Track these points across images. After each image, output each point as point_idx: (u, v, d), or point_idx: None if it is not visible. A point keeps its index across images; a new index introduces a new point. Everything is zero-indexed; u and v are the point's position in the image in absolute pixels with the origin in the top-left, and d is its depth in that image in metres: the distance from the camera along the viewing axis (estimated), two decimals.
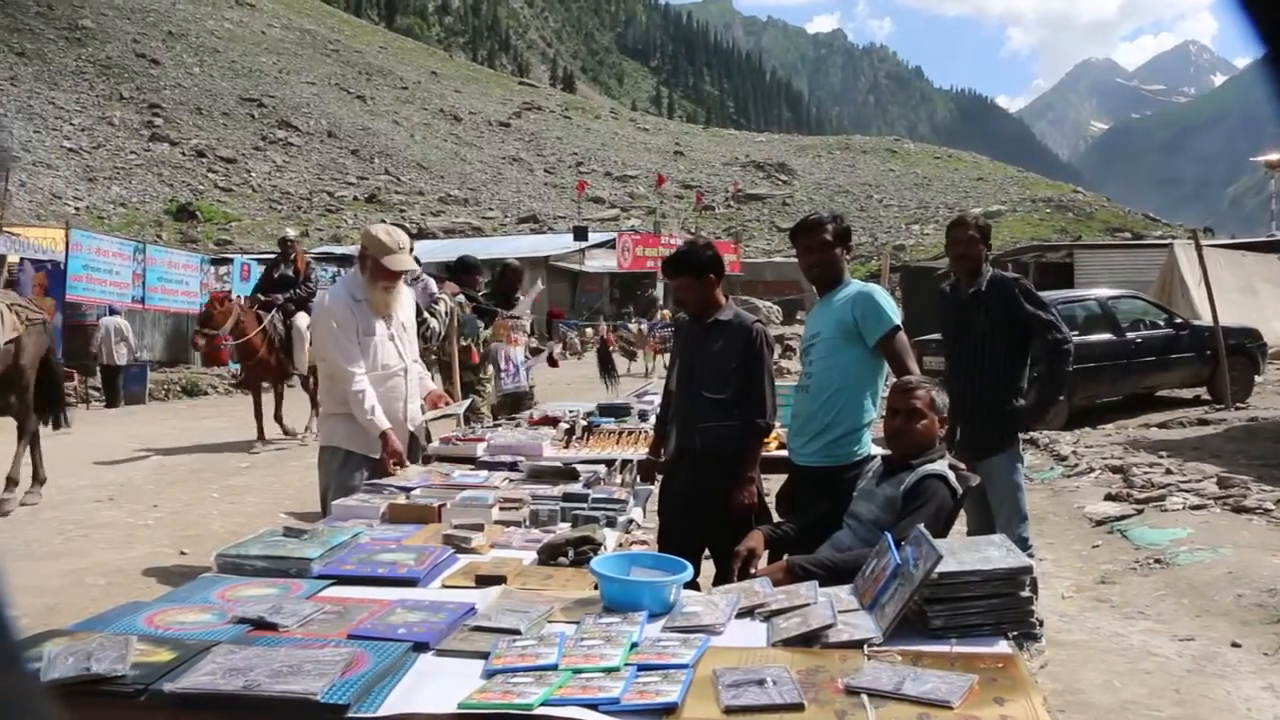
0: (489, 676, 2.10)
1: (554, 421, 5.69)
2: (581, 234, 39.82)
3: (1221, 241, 24.98)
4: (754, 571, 3.20)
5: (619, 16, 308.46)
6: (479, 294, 7.83)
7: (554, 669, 2.10)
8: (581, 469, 4.25)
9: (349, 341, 4.55)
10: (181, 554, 6.61)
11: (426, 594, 2.72)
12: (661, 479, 4.39)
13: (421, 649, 2.25)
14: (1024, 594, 2.34)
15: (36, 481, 8.22)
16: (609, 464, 4.33)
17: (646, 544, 5.16)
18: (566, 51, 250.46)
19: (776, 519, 3.97)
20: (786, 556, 3.20)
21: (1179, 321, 12.94)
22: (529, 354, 8.29)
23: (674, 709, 1.92)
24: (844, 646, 2.24)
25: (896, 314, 3.99)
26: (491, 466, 4.53)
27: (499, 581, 2.79)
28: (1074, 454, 9.84)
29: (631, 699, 1.95)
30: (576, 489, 3.90)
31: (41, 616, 4.88)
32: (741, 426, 4.02)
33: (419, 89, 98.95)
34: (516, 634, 2.29)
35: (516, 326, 7.79)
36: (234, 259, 21.73)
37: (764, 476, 4.30)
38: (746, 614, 2.51)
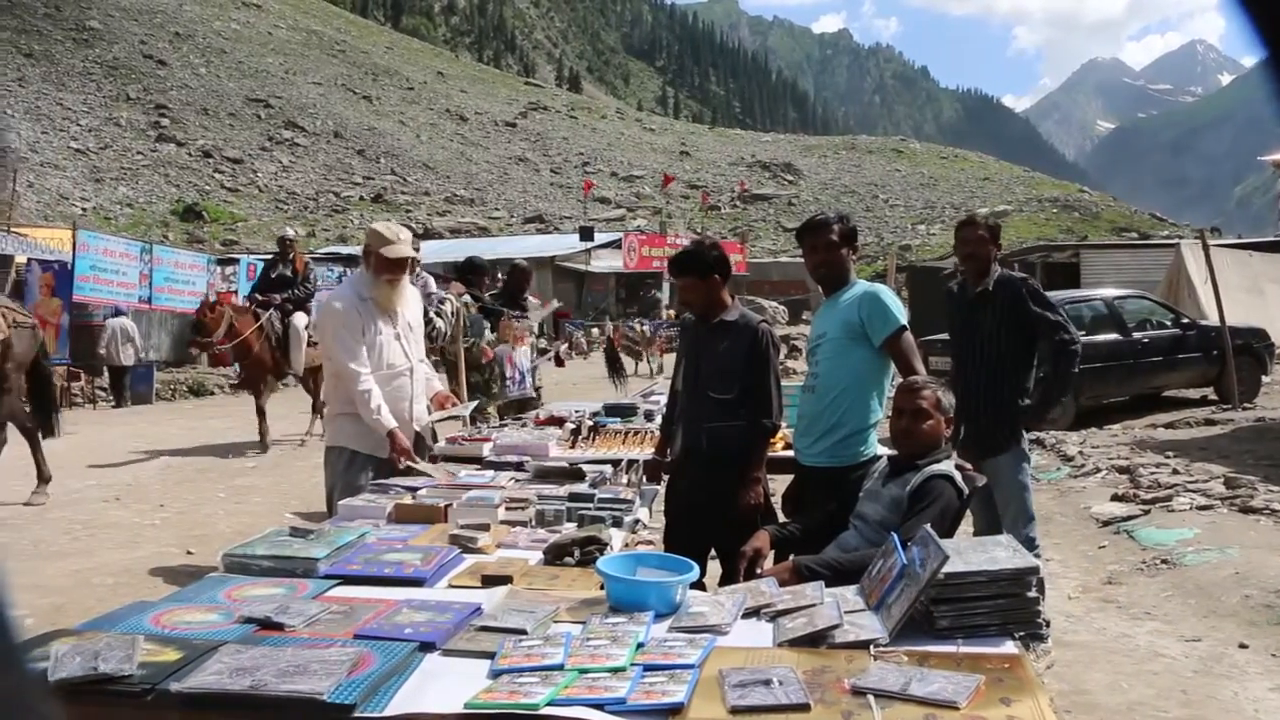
0: (495, 676, 2.10)
1: (560, 421, 5.69)
2: (587, 234, 39.75)
3: (1228, 241, 24.91)
4: (760, 572, 3.20)
5: (625, 16, 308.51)
6: (486, 295, 7.84)
7: (560, 669, 2.10)
8: (587, 469, 4.25)
9: (354, 341, 4.55)
10: (188, 554, 6.62)
11: (433, 594, 2.72)
12: (668, 479, 4.40)
13: (428, 649, 2.26)
14: (1030, 594, 2.34)
15: (41, 480, 8.24)
16: (615, 464, 4.33)
17: (653, 544, 5.16)
18: (572, 51, 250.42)
19: (782, 519, 3.97)
20: (792, 557, 3.20)
21: (1186, 321, 12.90)
22: (536, 354, 8.30)
23: (680, 709, 1.92)
24: (850, 647, 2.24)
25: (903, 314, 3.99)
26: (498, 466, 4.55)
27: (505, 581, 2.80)
28: (1080, 454, 9.82)
29: (638, 699, 1.95)
30: (582, 489, 3.90)
31: (48, 616, 4.89)
32: (747, 427, 4.02)
33: (425, 89, 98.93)
34: (523, 634, 2.29)
35: (522, 326, 7.80)
36: (240, 259, 21.71)
37: (770, 477, 4.30)
38: (753, 614, 2.52)
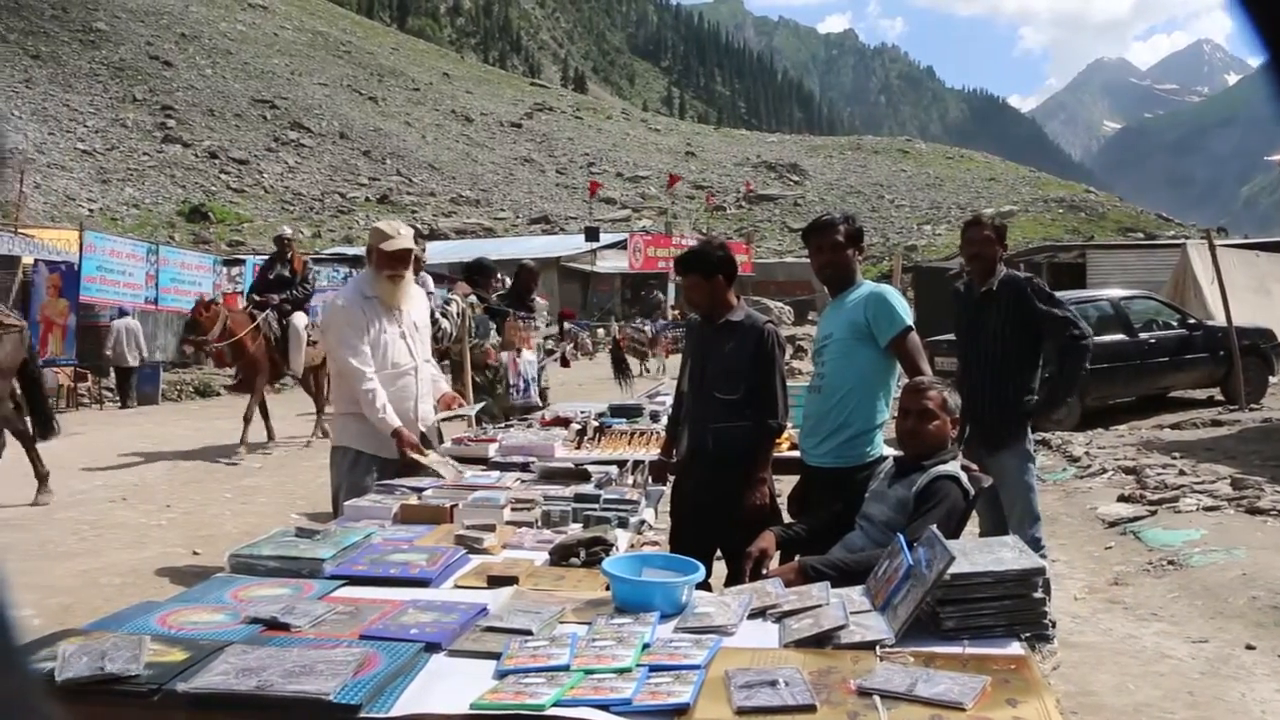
0: (501, 677, 2.10)
1: (566, 422, 5.70)
2: (593, 235, 39.77)
3: (1235, 241, 24.84)
4: (766, 572, 3.20)
5: (630, 17, 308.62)
6: (493, 295, 7.85)
7: (566, 670, 2.10)
8: (593, 470, 4.26)
9: (358, 340, 4.56)
10: (194, 554, 6.63)
11: (438, 594, 2.72)
12: (673, 480, 4.39)
13: (433, 649, 2.26)
14: (1037, 595, 2.33)
15: (40, 480, 8.23)
16: (621, 465, 4.34)
17: (658, 545, 5.15)
18: (578, 52, 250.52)
19: (788, 520, 3.97)
20: (798, 557, 3.20)
21: (1192, 322, 12.88)
22: (544, 354, 8.30)
23: (686, 710, 1.92)
24: (856, 648, 2.24)
25: (909, 314, 3.98)
26: (503, 467, 4.55)
27: (511, 582, 2.80)
28: (1087, 455, 9.81)
29: (643, 700, 1.95)
30: (588, 490, 3.90)
31: (56, 616, 4.91)
32: (753, 427, 4.01)
33: (431, 90, 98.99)
34: (528, 634, 2.29)
35: (528, 327, 7.80)
36: (246, 260, 21.72)
37: (775, 477, 4.29)
38: (758, 615, 2.52)
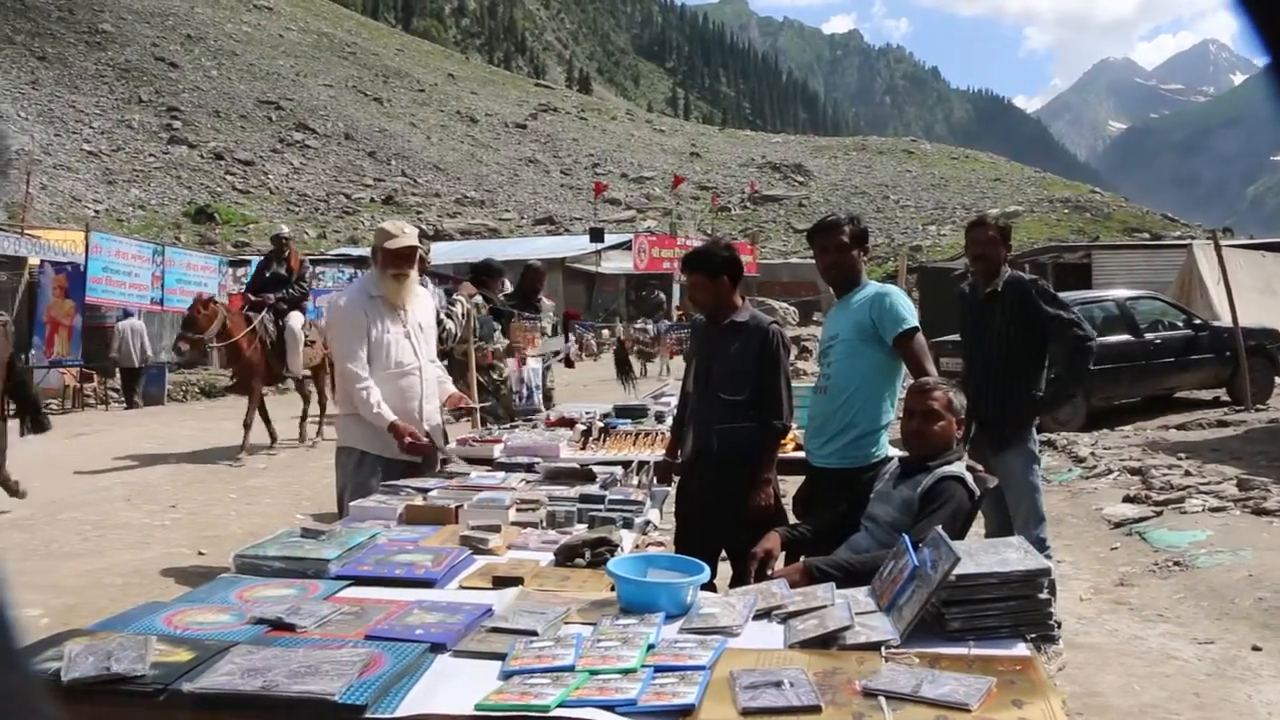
0: (506, 678, 2.10)
1: (571, 423, 5.70)
2: (598, 235, 39.74)
3: (1241, 242, 24.75)
4: (771, 573, 3.20)
5: (635, 18, 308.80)
6: (500, 295, 7.86)
7: (571, 670, 2.10)
8: (598, 470, 4.26)
9: (356, 341, 4.59)
10: (200, 554, 6.64)
11: (444, 595, 2.73)
12: (678, 480, 4.39)
13: (439, 650, 2.26)
14: (1042, 596, 2.33)
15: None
16: (626, 465, 4.34)
17: (663, 545, 5.15)
18: (583, 53, 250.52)
19: (793, 520, 3.97)
20: (803, 558, 3.19)
21: (1198, 322, 12.85)
22: (550, 355, 8.31)
23: (691, 710, 1.92)
24: (861, 648, 2.23)
25: (914, 315, 3.98)
26: (508, 468, 4.55)
27: (516, 583, 2.80)
28: (1092, 455, 9.79)
29: (648, 700, 1.95)
30: (593, 490, 3.90)
31: (61, 616, 4.92)
32: (758, 428, 4.01)
33: (436, 91, 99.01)
34: (533, 635, 2.29)
35: (534, 328, 7.81)
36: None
37: (780, 478, 4.29)
38: (764, 615, 2.51)
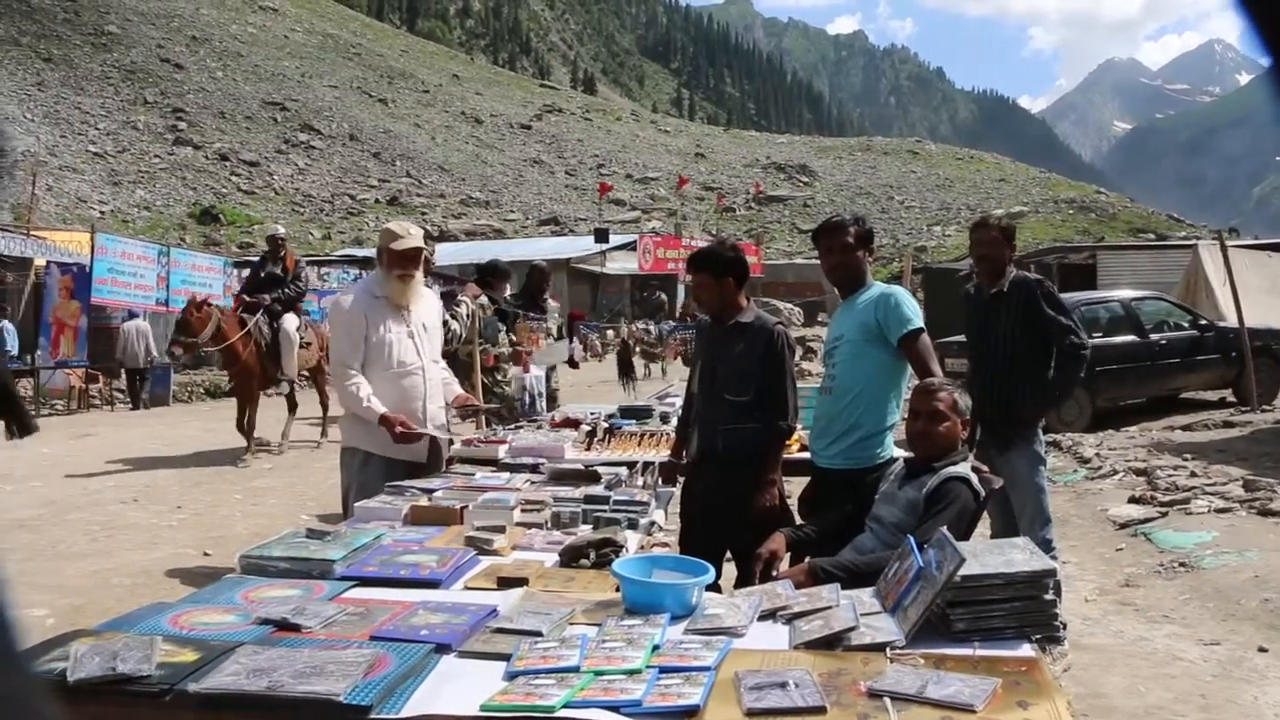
0: (511, 678, 2.10)
1: (575, 424, 5.70)
2: (602, 236, 39.71)
3: (1246, 242, 24.72)
4: (776, 574, 3.20)
5: (640, 18, 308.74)
6: (506, 295, 7.87)
7: (576, 671, 2.10)
8: (603, 471, 4.25)
9: (352, 342, 4.60)
10: (205, 555, 6.65)
11: (449, 596, 2.73)
12: (683, 481, 4.39)
13: (444, 650, 2.26)
14: (1047, 597, 2.32)
15: None
16: (630, 466, 4.34)
17: (668, 546, 5.15)
18: (587, 53, 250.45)
19: (798, 521, 3.96)
20: (808, 559, 3.19)
21: (1204, 323, 12.83)
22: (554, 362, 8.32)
23: (696, 711, 1.92)
24: (866, 649, 2.23)
25: (919, 316, 3.98)
26: (513, 468, 4.55)
27: (521, 583, 2.80)
28: (1097, 456, 9.78)
29: (653, 701, 1.95)
30: (598, 491, 3.90)
31: (68, 616, 4.93)
32: (763, 429, 4.01)
33: (440, 92, 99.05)
34: (538, 636, 2.29)
35: (539, 328, 7.82)
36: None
37: (785, 479, 4.29)
38: (768, 616, 2.51)
